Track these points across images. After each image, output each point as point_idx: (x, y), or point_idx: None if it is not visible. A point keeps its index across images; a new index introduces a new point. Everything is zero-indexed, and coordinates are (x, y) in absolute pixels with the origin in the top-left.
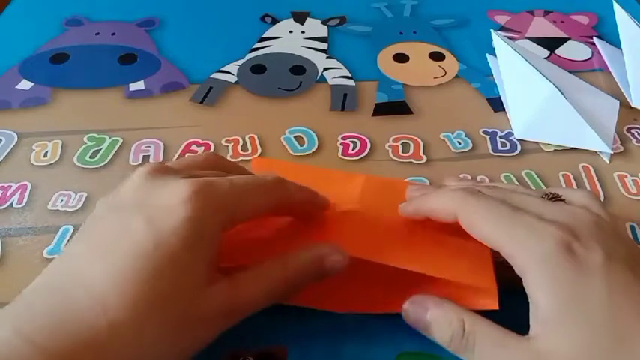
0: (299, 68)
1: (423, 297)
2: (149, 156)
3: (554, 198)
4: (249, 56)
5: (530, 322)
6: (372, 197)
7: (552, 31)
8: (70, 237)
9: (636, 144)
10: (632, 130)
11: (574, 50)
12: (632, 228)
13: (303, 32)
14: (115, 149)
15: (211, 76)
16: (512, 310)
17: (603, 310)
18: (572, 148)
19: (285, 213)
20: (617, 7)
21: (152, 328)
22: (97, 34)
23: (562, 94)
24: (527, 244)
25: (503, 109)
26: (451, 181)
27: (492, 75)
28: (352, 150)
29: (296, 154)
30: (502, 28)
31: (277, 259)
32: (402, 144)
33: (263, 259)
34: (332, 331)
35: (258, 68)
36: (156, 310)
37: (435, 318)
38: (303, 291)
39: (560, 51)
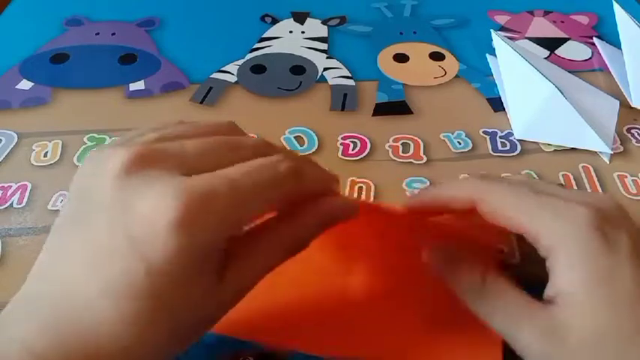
0: (299, 68)
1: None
2: None
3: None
4: (249, 56)
5: (550, 293)
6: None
7: (552, 31)
8: None
9: (636, 144)
10: (632, 130)
11: (574, 50)
12: None
13: (303, 32)
14: None
15: (211, 76)
16: None
17: (630, 291)
18: (572, 148)
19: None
20: (617, 7)
21: (155, 338)
22: (97, 34)
23: (562, 94)
24: (555, 224)
25: (503, 109)
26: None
27: (492, 75)
28: (352, 150)
29: None
30: (502, 28)
31: (276, 233)
32: (402, 144)
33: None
34: None
35: (258, 68)
36: (159, 323)
37: (460, 266)
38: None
39: (560, 51)
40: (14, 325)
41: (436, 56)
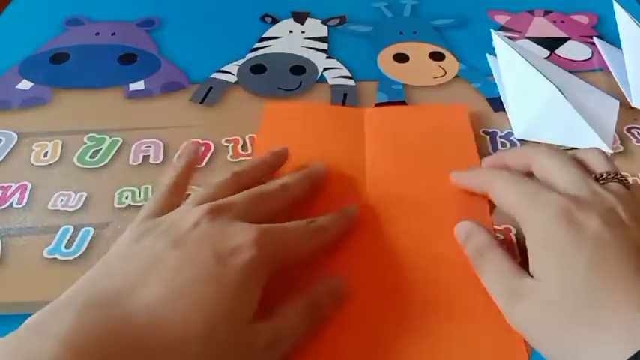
0: (299, 68)
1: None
2: (149, 156)
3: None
4: (249, 56)
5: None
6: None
7: (552, 31)
8: (70, 237)
9: (636, 144)
10: (632, 130)
11: (574, 50)
12: None
13: (303, 32)
14: (115, 149)
15: (211, 76)
16: None
17: (586, 268)
18: (572, 148)
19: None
20: (617, 7)
21: (205, 353)
22: (97, 34)
23: (562, 94)
24: (530, 212)
25: (503, 109)
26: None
27: (492, 75)
28: None
29: None
30: (502, 28)
31: (300, 297)
32: None
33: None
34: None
35: (258, 68)
36: (211, 336)
37: (469, 233)
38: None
39: (560, 51)
40: (60, 330)
41: (436, 56)
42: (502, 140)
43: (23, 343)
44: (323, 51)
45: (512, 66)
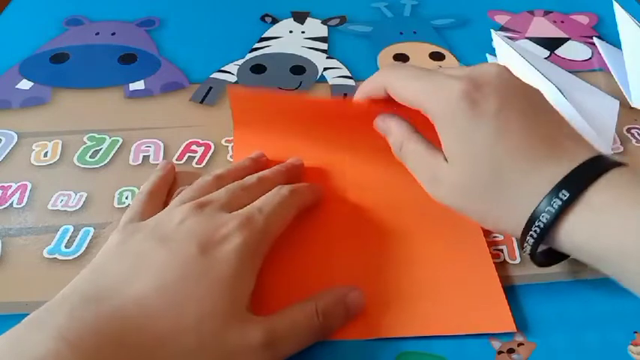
0: (299, 68)
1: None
2: (149, 156)
3: None
4: (249, 56)
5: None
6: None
7: (552, 31)
8: (70, 237)
9: (636, 144)
10: (632, 130)
11: (574, 50)
12: None
13: (303, 32)
14: (115, 149)
15: (211, 76)
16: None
17: (488, 151)
18: None
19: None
20: (617, 7)
21: (196, 345)
22: (97, 34)
23: (562, 94)
24: (432, 98)
25: None
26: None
27: None
28: None
29: None
30: (502, 28)
31: (306, 300)
32: None
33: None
34: None
35: (258, 68)
36: (202, 329)
37: (388, 130)
38: None
39: (560, 51)
40: (56, 326)
41: (436, 56)
42: None
43: (21, 339)
44: (323, 51)
45: (512, 66)
